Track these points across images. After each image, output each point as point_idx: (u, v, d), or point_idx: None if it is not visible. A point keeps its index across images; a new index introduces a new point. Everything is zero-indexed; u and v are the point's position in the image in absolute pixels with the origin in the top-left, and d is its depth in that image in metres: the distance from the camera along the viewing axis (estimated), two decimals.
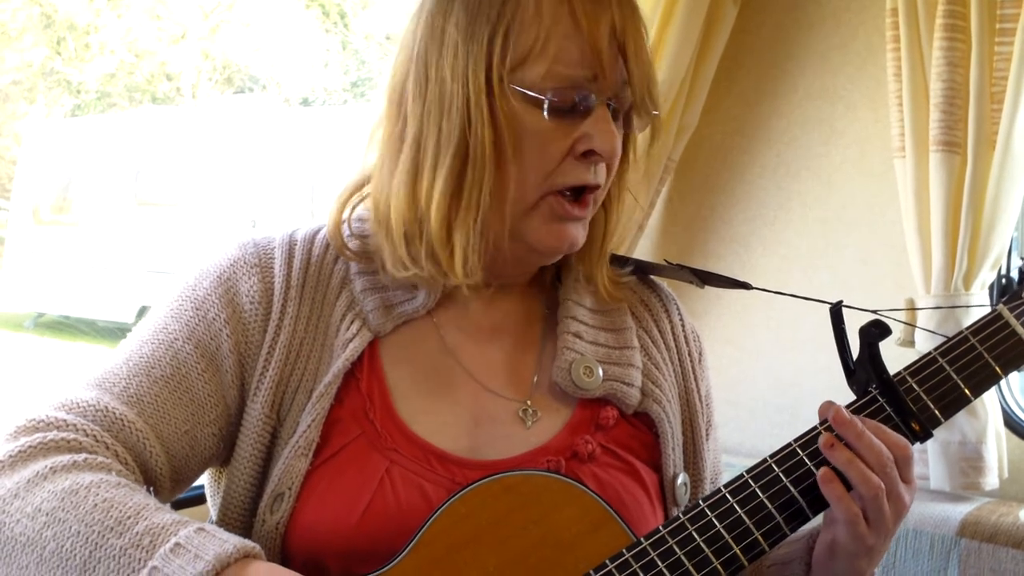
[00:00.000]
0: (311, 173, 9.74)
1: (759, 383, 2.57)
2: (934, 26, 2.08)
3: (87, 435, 1.12)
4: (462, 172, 1.18)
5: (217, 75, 13.57)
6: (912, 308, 2.16)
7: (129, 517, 1.03)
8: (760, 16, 2.55)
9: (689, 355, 1.40)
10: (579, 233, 1.25)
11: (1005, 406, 2.24)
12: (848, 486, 1.14)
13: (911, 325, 2.13)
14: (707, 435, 1.39)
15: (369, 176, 1.29)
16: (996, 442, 2.15)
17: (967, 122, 2.07)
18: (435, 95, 1.20)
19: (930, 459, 2.15)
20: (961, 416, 2.13)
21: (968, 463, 2.12)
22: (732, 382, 2.55)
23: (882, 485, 1.13)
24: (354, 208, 1.30)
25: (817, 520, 1.20)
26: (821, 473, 1.14)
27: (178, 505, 1.58)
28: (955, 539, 2.02)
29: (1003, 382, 2.25)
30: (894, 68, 2.17)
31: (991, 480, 2.13)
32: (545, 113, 1.18)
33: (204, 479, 1.32)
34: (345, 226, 1.29)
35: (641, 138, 1.31)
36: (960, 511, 2.06)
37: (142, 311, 10.62)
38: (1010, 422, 2.24)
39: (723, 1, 2.40)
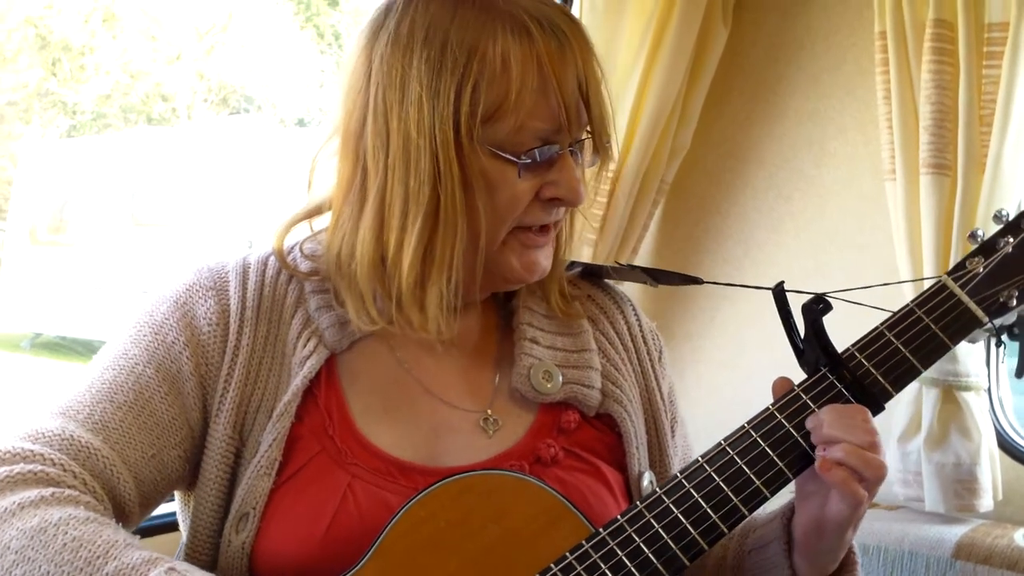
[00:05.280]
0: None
1: (754, 404, 2.56)
2: (922, 49, 2.09)
3: (54, 464, 1.12)
4: (433, 230, 1.19)
5: (212, 96, 13.59)
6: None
7: (99, 557, 1.03)
8: (751, 38, 2.56)
9: (648, 354, 1.41)
10: (547, 260, 1.28)
11: (999, 427, 2.24)
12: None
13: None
14: (672, 432, 1.40)
15: (319, 207, 1.30)
16: (990, 463, 2.15)
17: (956, 144, 2.07)
18: (399, 149, 1.18)
19: (924, 481, 2.15)
20: (955, 437, 2.12)
21: (962, 485, 2.12)
22: (727, 404, 2.54)
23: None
24: (302, 241, 1.31)
25: (781, 498, 1.20)
26: (820, 462, 1.13)
27: (151, 532, 1.59)
28: (950, 561, 2.01)
29: (997, 404, 2.25)
30: (884, 91, 2.17)
31: (986, 502, 2.13)
32: (519, 174, 1.19)
33: (175, 503, 1.33)
34: (297, 250, 1.30)
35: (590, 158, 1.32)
36: (955, 533, 2.05)
37: None
38: (1004, 443, 2.23)
39: (714, 23, 2.41)
